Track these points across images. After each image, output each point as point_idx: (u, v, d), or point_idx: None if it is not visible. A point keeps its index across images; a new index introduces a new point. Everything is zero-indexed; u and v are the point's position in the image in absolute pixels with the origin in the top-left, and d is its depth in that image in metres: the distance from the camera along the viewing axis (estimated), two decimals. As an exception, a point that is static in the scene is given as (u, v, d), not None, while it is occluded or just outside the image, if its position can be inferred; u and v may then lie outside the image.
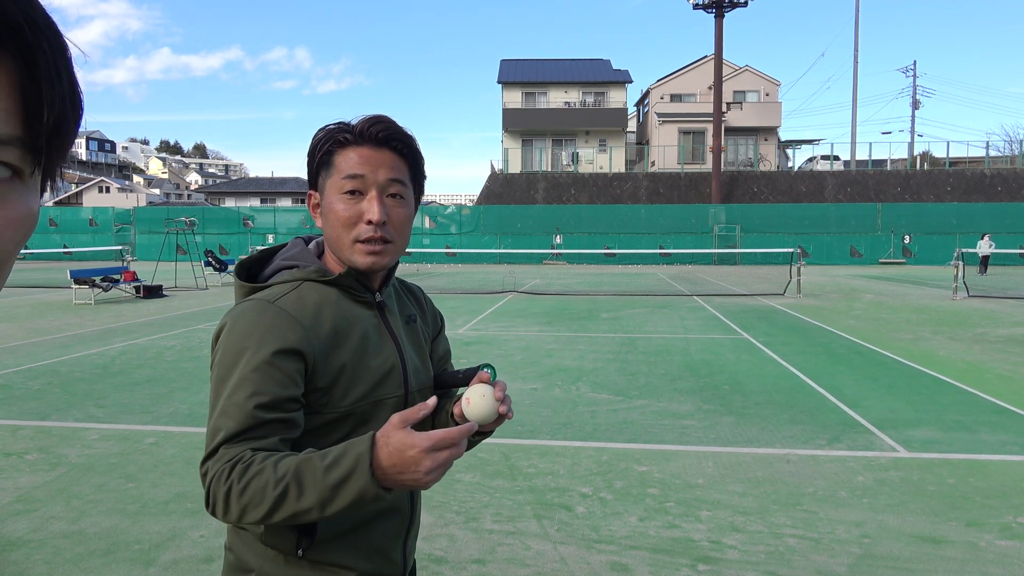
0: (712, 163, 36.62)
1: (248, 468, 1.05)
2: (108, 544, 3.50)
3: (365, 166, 1.24)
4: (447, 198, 55.81)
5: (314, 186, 1.31)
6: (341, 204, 1.24)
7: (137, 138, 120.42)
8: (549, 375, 7.60)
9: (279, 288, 1.24)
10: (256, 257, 1.35)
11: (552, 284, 20.70)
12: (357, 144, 1.25)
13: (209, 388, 1.19)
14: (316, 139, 1.28)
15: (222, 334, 1.19)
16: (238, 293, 1.30)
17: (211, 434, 1.12)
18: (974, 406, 6.30)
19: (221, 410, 1.12)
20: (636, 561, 3.36)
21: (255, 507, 1.03)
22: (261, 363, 1.13)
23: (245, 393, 1.11)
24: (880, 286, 20.01)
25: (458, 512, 3.92)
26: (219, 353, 1.18)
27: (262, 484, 1.03)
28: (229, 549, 1.26)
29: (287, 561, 1.20)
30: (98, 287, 15.02)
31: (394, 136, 1.26)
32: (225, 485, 1.05)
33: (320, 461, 1.03)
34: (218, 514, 1.07)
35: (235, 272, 1.32)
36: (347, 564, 1.22)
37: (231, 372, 1.14)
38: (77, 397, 6.51)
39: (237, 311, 1.20)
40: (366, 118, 1.27)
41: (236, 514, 1.05)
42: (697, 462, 4.78)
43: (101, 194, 67.40)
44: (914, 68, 54.60)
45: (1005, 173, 38.12)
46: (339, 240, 1.26)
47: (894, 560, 3.37)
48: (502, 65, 45.28)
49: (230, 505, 1.05)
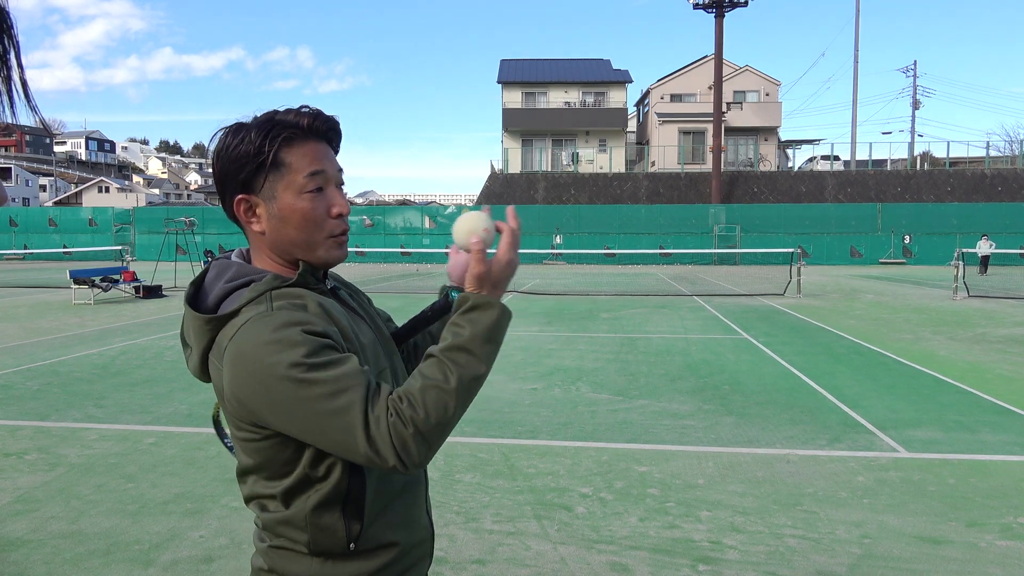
0: (712, 163, 36.63)
1: (414, 399, 1.06)
2: (108, 544, 3.50)
3: (323, 161, 1.21)
4: (447, 198, 55.85)
5: (249, 189, 1.20)
6: (307, 204, 1.19)
7: (137, 138, 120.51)
8: (549, 375, 7.60)
9: (255, 306, 1.15)
10: (192, 293, 1.23)
11: (552, 284, 20.69)
12: (304, 140, 1.21)
13: (276, 417, 1.09)
14: (253, 139, 1.18)
15: (246, 373, 1.09)
16: (201, 332, 1.17)
17: (344, 418, 1.05)
18: (975, 406, 6.30)
19: (331, 395, 1.05)
20: (636, 561, 3.36)
21: (445, 419, 1.07)
22: (314, 350, 1.07)
23: (333, 369, 1.07)
24: (880, 286, 20.01)
25: (458, 512, 3.92)
26: (263, 384, 1.07)
27: (436, 398, 1.07)
28: (271, 571, 1.21)
29: (338, 561, 1.18)
30: (98, 287, 15.02)
31: (333, 127, 1.25)
32: (411, 426, 1.05)
33: (462, 337, 1.11)
34: (419, 457, 1.06)
35: (189, 304, 1.20)
36: (393, 540, 1.23)
37: (296, 376, 1.06)
38: (77, 397, 6.50)
39: (242, 344, 1.09)
40: (306, 112, 1.22)
41: (436, 440, 1.07)
42: (697, 462, 4.78)
43: (101, 194, 67.41)
44: (914, 68, 54.58)
45: (1005, 173, 38.13)
46: (308, 240, 1.21)
47: (894, 560, 3.37)
48: (502, 65, 45.28)
49: (429, 439, 1.06)
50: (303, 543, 1.18)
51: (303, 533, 1.17)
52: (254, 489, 1.22)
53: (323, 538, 1.17)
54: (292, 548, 1.19)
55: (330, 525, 1.17)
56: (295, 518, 1.17)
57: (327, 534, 1.17)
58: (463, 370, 1.10)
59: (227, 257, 1.28)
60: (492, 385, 7.05)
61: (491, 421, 5.77)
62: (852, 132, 45.58)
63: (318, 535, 1.17)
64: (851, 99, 47.48)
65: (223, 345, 1.13)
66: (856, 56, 45.61)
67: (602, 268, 30.27)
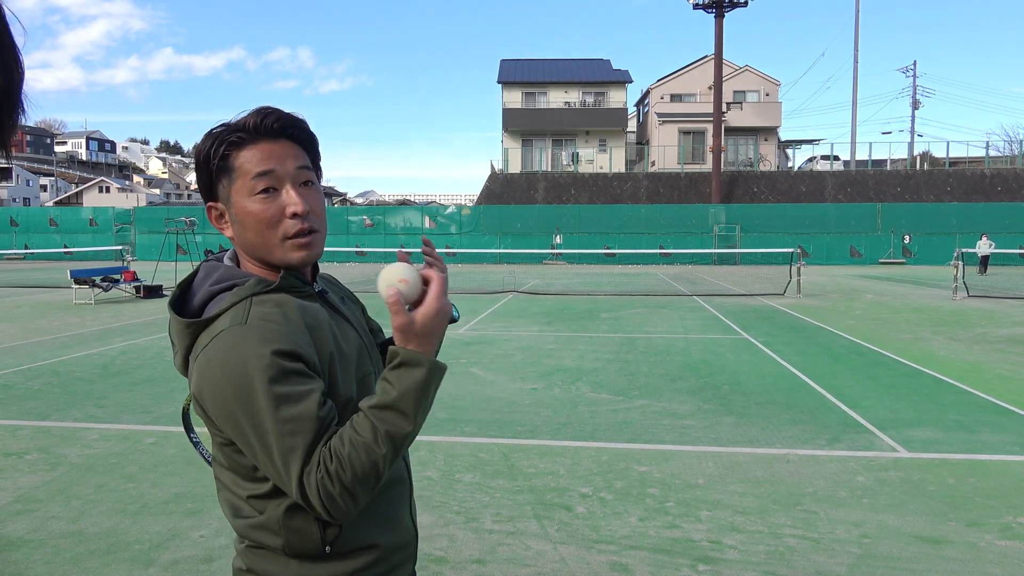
0: (712, 163, 36.63)
1: (341, 456, 1.06)
2: (108, 544, 3.50)
3: (271, 160, 1.18)
4: (447, 198, 55.87)
5: (213, 197, 1.22)
6: (257, 205, 1.17)
7: (137, 138, 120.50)
8: (549, 375, 7.60)
9: (233, 313, 1.14)
10: (177, 295, 1.23)
11: (552, 284, 20.69)
12: (253, 141, 1.19)
13: (233, 433, 1.11)
14: (204, 147, 1.20)
15: (210, 385, 1.10)
16: (183, 334, 1.17)
17: (285, 460, 1.06)
18: (974, 406, 6.30)
19: (279, 434, 1.06)
20: (636, 561, 3.36)
21: (372, 475, 1.07)
22: (278, 376, 1.07)
23: (289, 407, 1.07)
24: (880, 286, 20.01)
25: (458, 512, 3.92)
26: (223, 400, 1.09)
27: (364, 457, 1.06)
28: (249, 571, 1.21)
29: (315, 563, 1.18)
30: (98, 287, 15.02)
31: (288, 124, 1.21)
32: (337, 484, 1.05)
33: (390, 395, 1.08)
34: (346, 509, 1.07)
35: (172, 309, 1.20)
36: (372, 541, 1.22)
37: (254, 402, 1.07)
38: (77, 397, 6.51)
39: (211, 356, 1.10)
40: (254, 112, 1.21)
41: (362, 495, 1.07)
42: (697, 462, 4.78)
43: (101, 194, 67.41)
44: (914, 68, 54.57)
45: (1005, 173, 38.13)
46: (265, 243, 1.19)
47: (894, 560, 3.37)
48: (502, 65, 45.28)
49: (355, 494, 1.06)
50: (278, 547, 1.17)
51: (277, 537, 1.17)
52: (228, 488, 1.22)
53: (297, 540, 1.16)
54: (269, 548, 1.19)
55: (303, 528, 1.16)
56: (268, 522, 1.17)
57: (301, 536, 1.16)
58: (392, 428, 1.08)
59: (219, 258, 1.28)
60: (492, 385, 7.05)
61: (491, 421, 5.77)
62: (852, 132, 45.61)
63: (292, 538, 1.16)
64: (851, 99, 47.49)
65: (197, 351, 1.14)
66: (856, 56, 45.62)
67: (602, 268, 30.27)
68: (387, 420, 1.08)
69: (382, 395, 1.10)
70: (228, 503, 1.23)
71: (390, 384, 1.10)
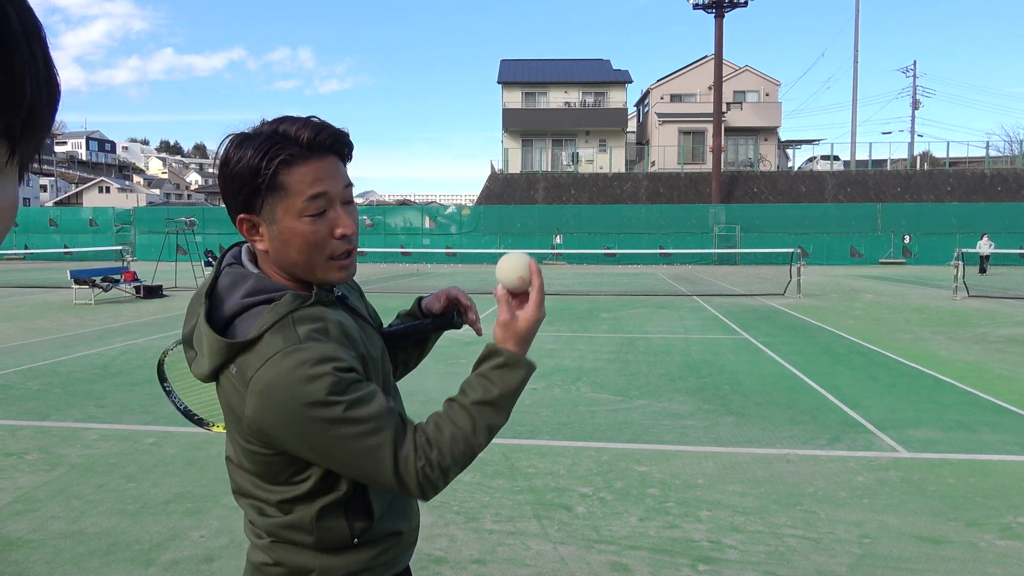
0: (712, 163, 36.63)
1: (441, 445, 1.13)
2: (108, 544, 3.50)
3: (324, 182, 1.15)
4: (447, 198, 55.86)
5: (249, 209, 1.16)
6: (308, 227, 1.15)
7: (137, 138, 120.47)
8: (549, 375, 7.60)
9: (283, 334, 1.11)
10: (209, 308, 1.18)
11: (552, 284, 20.69)
12: (305, 159, 1.14)
13: (306, 450, 1.11)
14: (251, 159, 1.13)
15: (274, 408, 1.08)
16: (220, 353, 1.13)
17: (375, 457, 1.09)
18: (974, 406, 6.30)
19: (362, 435, 1.08)
20: (636, 561, 3.36)
21: (467, 461, 1.17)
22: (343, 387, 1.08)
23: (363, 408, 1.09)
24: (880, 286, 20.01)
25: (458, 512, 3.92)
26: (294, 420, 1.07)
27: (463, 446, 1.15)
28: (277, 564, 1.21)
29: (342, 553, 1.20)
30: (98, 287, 15.02)
31: (338, 140, 1.18)
32: (437, 470, 1.12)
33: (492, 393, 1.18)
34: (440, 489, 1.15)
35: (211, 326, 1.15)
36: (396, 529, 1.27)
37: (328, 415, 1.07)
38: (77, 397, 6.51)
39: (271, 379, 1.08)
40: (304, 125, 1.15)
41: (453, 477, 1.16)
42: (697, 462, 4.78)
43: (101, 194, 67.42)
44: (914, 68, 54.61)
45: (1005, 173, 38.13)
46: (308, 263, 1.18)
47: (894, 560, 3.37)
48: (502, 65, 45.28)
49: (450, 477, 1.15)
50: (308, 544, 1.19)
51: (308, 536, 1.18)
52: (251, 490, 1.21)
53: (328, 537, 1.19)
54: (297, 544, 1.20)
55: (334, 526, 1.18)
56: (299, 522, 1.18)
57: (332, 534, 1.19)
58: (491, 422, 1.18)
59: (238, 261, 1.25)
60: (492, 385, 7.05)
61: (491, 421, 5.77)
62: (852, 132, 45.62)
63: (323, 535, 1.18)
64: (851, 99, 47.48)
65: (247, 374, 1.10)
66: (856, 56, 45.62)
67: (602, 268, 30.27)
68: (487, 415, 1.17)
69: (484, 392, 1.18)
70: (250, 505, 1.23)
71: (491, 382, 1.18)
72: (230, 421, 1.18)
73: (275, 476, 1.17)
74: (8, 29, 0.43)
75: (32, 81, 0.45)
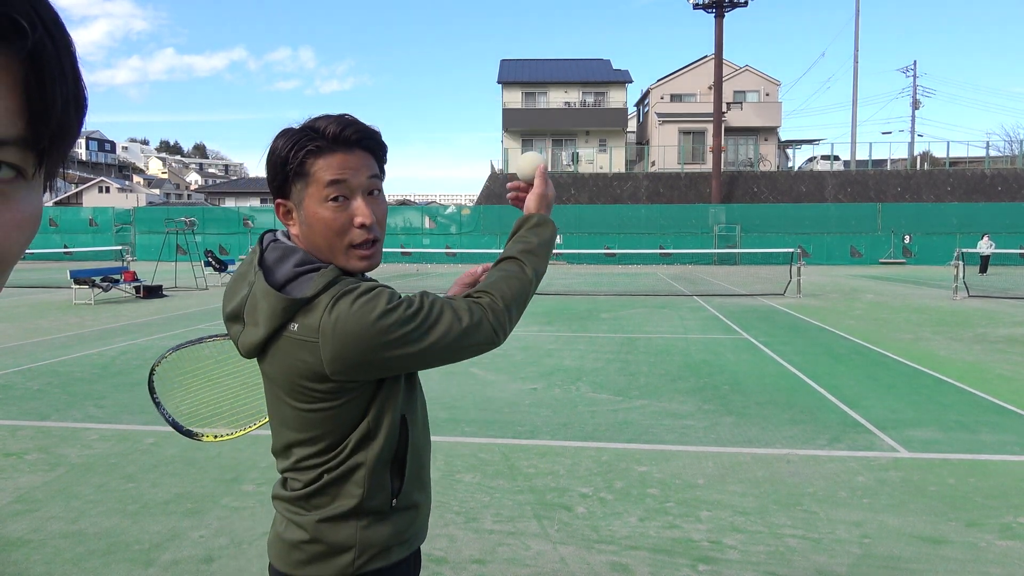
0: (712, 163, 36.63)
1: (490, 296, 1.33)
2: (108, 544, 3.50)
3: (345, 171, 1.26)
4: (447, 198, 55.83)
5: (283, 194, 1.31)
6: (329, 213, 1.26)
7: (137, 138, 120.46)
8: (549, 375, 7.60)
9: (336, 287, 1.25)
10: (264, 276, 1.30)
11: (552, 284, 20.68)
12: (331, 150, 1.26)
13: (381, 363, 1.23)
14: (283, 149, 1.27)
15: (345, 333, 1.19)
16: (282, 312, 1.24)
17: (453, 320, 1.26)
18: (974, 406, 6.30)
19: (425, 317, 1.24)
20: (636, 561, 3.36)
21: (523, 298, 1.38)
22: (394, 296, 1.25)
23: (415, 304, 1.24)
24: (880, 286, 20.01)
25: (458, 512, 3.92)
26: (365, 337, 1.19)
27: (517, 284, 1.38)
28: (316, 540, 1.29)
29: (381, 520, 1.31)
30: (98, 287, 15.01)
31: (365, 136, 1.30)
32: (493, 314, 1.31)
33: (532, 243, 1.44)
34: (510, 326, 1.35)
35: (273, 285, 1.27)
36: (418, 502, 1.38)
37: (393, 318, 1.20)
38: (77, 397, 6.50)
39: (339, 314, 1.20)
40: (333, 121, 1.28)
41: (516, 315, 1.37)
42: (697, 462, 4.78)
43: (101, 194, 67.43)
44: (914, 68, 54.55)
45: (1005, 173, 38.13)
46: (331, 247, 1.29)
47: (894, 560, 3.37)
48: (502, 65, 45.28)
49: (512, 312, 1.35)
50: (356, 498, 1.28)
51: (359, 488, 1.28)
52: (304, 456, 1.30)
53: (376, 493, 1.29)
54: (338, 514, 1.29)
55: (382, 482, 1.30)
56: (356, 475, 1.28)
57: (379, 489, 1.30)
58: (535, 264, 1.42)
59: (276, 239, 1.35)
60: (492, 385, 7.05)
61: (491, 421, 5.77)
62: (852, 132, 45.61)
63: (372, 490, 1.29)
64: (851, 99, 47.46)
65: (314, 324, 1.21)
66: (856, 56, 45.61)
67: (602, 268, 30.26)
68: (531, 260, 1.42)
69: (525, 244, 1.44)
70: (301, 469, 1.31)
71: (528, 238, 1.45)
72: (291, 383, 1.26)
73: (337, 430, 1.27)
74: (42, 43, 0.44)
75: (62, 96, 0.46)
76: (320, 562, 1.30)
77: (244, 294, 1.30)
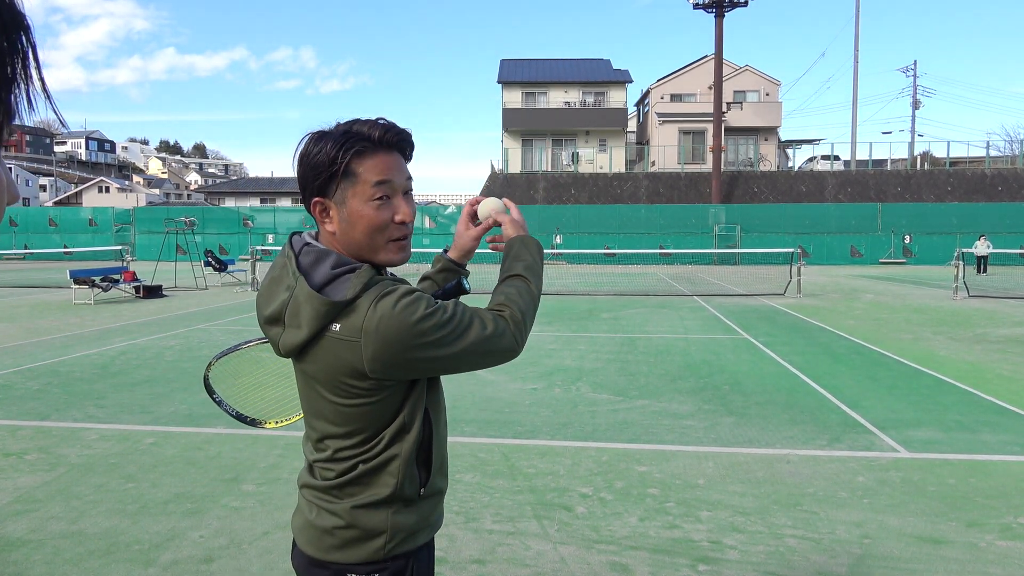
0: (712, 163, 36.62)
1: (511, 303, 1.46)
2: (108, 544, 3.50)
3: (389, 172, 1.37)
4: (447, 198, 55.75)
5: (323, 193, 1.36)
6: (372, 211, 1.35)
7: (137, 138, 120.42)
8: (549, 375, 7.60)
9: (375, 289, 1.32)
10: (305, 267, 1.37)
11: (552, 284, 20.67)
12: (374, 152, 1.36)
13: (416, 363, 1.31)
14: (329, 151, 1.33)
15: (386, 334, 1.27)
16: (324, 315, 1.30)
17: (482, 330, 1.37)
18: (975, 406, 6.30)
19: (458, 323, 1.33)
20: (636, 561, 3.36)
21: (534, 308, 1.51)
22: (431, 302, 1.32)
23: (448, 311, 1.33)
24: (880, 286, 20.01)
25: (458, 512, 3.92)
26: (404, 338, 1.27)
27: (528, 297, 1.50)
28: (351, 526, 1.37)
29: (410, 507, 1.40)
30: (98, 287, 15.01)
31: (404, 139, 1.40)
32: (514, 325, 1.43)
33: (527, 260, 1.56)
34: (527, 333, 1.48)
35: (313, 288, 1.33)
36: (441, 488, 1.49)
37: (431, 321, 1.29)
38: (77, 397, 6.50)
39: (382, 315, 1.27)
40: (378, 125, 1.37)
41: (530, 323, 1.49)
42: (697, 462, 4.77)
43: (101, 194, 67.44)
44: (914, 68, 54.51)
45: (1005, 173, 38.13)
46: (371, 243, 1.37)
47: (894, 560, 3.37)
48: (502, 65, 45.27)
49: (527, 324, 1.47)
50: (390, 487, 1.36)
51: (393, 478, 1.36)
52: (340, 449, 1.37)
53: (408, 482, 1.38)
54: (372, 502, 1.37)
55: (412, 472, 1.38)
56: (391, 466, 1.37)
57: (410, 479, 1.38)
58: (538, 280, 1.55)
59: (307, 243, 1.41)
60: (492, 385, 7.05)
61: (491, 421, 5.77)
62: (852, 132, 45.59)
63: (405, 479, 1.37)
64: (851, 99, 47.47)
65: (356, 325, 1.29)
66: (856, 56, 45.61)
67: (602, 268, 30.25)
68: (532, 273, 1.54)
69: (525, 261, 1.56)
70: (336, 460, 1.38)
71: (522, 256, 1.56)
72: (332, 380, 1.33)
73: (373, 425, 1.35)
74: None
75: None
76: (353, 546, 1.37)
77: (284, 298, 1.35)
